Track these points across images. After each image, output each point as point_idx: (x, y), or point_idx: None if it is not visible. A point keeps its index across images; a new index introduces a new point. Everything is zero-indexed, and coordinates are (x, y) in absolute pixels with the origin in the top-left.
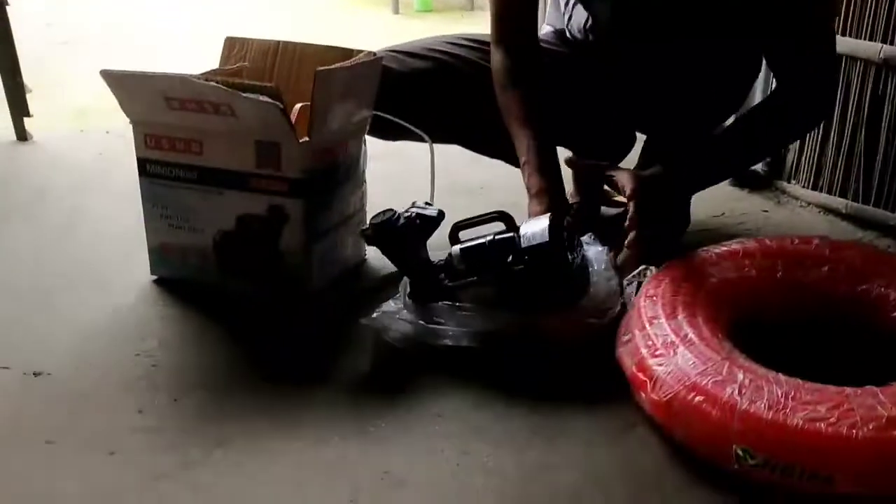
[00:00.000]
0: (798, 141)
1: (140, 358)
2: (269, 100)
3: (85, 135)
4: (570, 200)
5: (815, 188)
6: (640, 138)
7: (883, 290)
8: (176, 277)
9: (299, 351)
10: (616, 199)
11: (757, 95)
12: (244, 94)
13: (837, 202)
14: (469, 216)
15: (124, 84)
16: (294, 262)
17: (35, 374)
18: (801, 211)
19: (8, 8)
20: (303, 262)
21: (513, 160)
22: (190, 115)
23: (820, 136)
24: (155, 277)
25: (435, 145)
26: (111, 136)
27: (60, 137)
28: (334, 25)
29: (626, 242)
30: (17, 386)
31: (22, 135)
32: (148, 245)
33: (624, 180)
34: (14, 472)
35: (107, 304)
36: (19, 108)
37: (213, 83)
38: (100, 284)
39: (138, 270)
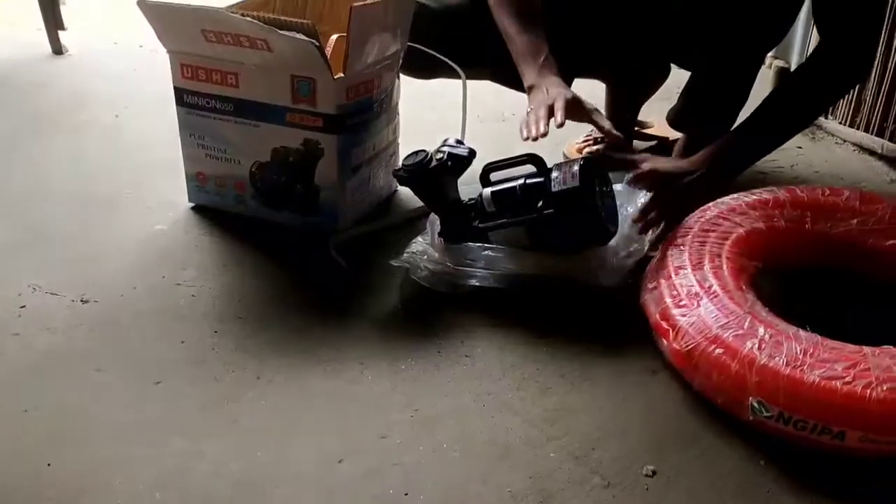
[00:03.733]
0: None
1: (181, 287)
2: (306, 38)
3: (119, 48)
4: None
5: (852, 125)
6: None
7: None
8: (213, 205)
9: (332, 286)
10: (647, 131)
11: (798, 34)
12: (281, 32)
13: (874, 141)
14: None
15: (161, 15)
16: (328, 194)
17: (83, 301)
18: (836, 148)
19: None
20: (337, 195)
21: None
22: (226, 48)
23: None
24: (192, 205)
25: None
26: (145, 51)
27: (95, 50)
28: None
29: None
30: (66, 313)
31: (57, 48)
32: (185, 173)
33: (649, 168)
34: (66, 400)
35: (147, 228)
36: (54, 22)
37: (249, 19)
38: (140, 206)
39: (176, 194)
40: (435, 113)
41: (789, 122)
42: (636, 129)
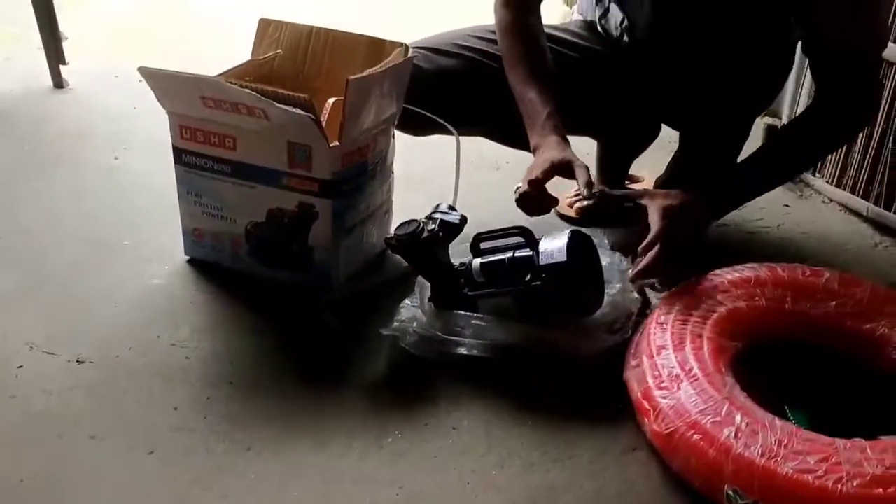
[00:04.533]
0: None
1: (175, 348)
2: (303, 112)
3: (119, 82)
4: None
5: (838, 185)
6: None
7: (887, 330)
8: (209, 259)
9: (323, 348)
10: (637, 186)
11: (788, 91)
12: (279, 105)
13: (859, 203)
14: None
15: (161, 81)
16: (322, 255)
17: (79, 362)
18: (823, 207)
19: None
20: (330, 254)
21: None
22: (225, 114)
23: None
24: (188, 258)
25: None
26: (145, 86)
27: (96, 84)
28: None
29: (641, 258)
30: (63, 374)
31: (59, 82)
32: (182, 227)
33: (652, 209)
34: (62, 470)
35: (144, 281)
36: (56, 57)
37: (247, 90)
38: (137, 257)
39: (173, 247)
40: (429, 160)
41: (795, 162)
42: (627, 182)
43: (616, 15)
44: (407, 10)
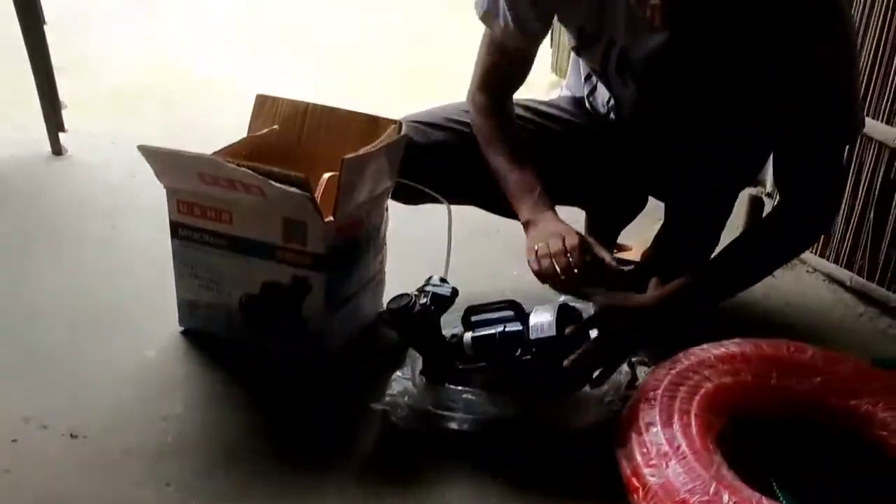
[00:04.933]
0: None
1: (168, 423)
2: (298, 191)
3: (117, 149)
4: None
5: (822, 255)
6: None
7: (871, 407)
8: (203, 331)
9: (314, 423)
10: (625, 255)
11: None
12: (274, 183)
13: (843, 274)
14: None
15: (160, 159)
16: (315, 325)
17: (73, 437)
18: (807, 277)
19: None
20: (324, 326)
21: None
22: (222, 190)
23: None
24: (182, 329)
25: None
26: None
27: (94, 152)
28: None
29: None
30: (57, 449)
31: (57, 149)
32: (177, 299)
33: (596, 302)
34: None
35: (139, 353)
36: (55, 124)
37: (244, 169)
38: (132, 329)
39: (167, 318)
40: (421, 228)
41: (745, 276)
42: (615, 252)
43: (603, 93)
44: (399, 87)
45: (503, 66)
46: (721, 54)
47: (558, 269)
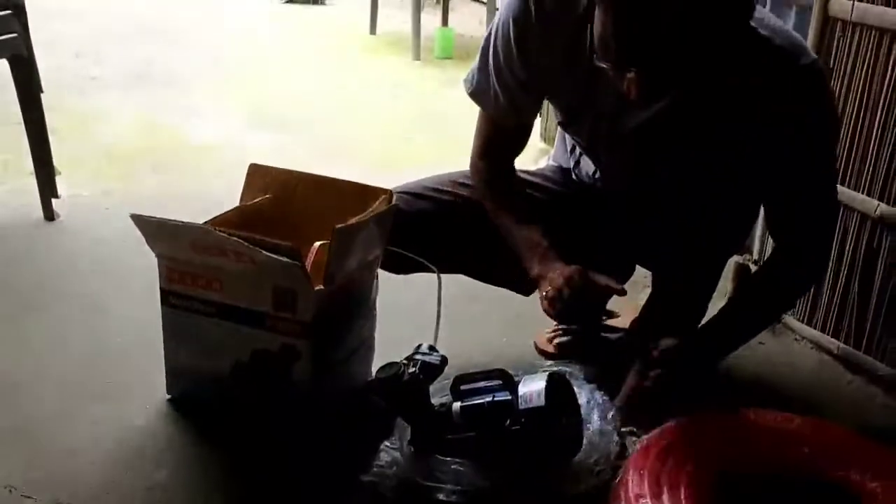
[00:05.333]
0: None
1: (153, 493)
2: (289, 260)
3: (109, 214)
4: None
5: (809, 323)
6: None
7: (859, 478)
8: (191, 398)
9: (302, 496)
10: (613, 322)
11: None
12: (265, 253)
13: (830, 342)
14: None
15: (151, 228)
16: (304, 394)
17: None
18: (795, 345)
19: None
20: (312, 394)
21: (513, 287)
22: (213, 258)
23: None
24: (170, 396)
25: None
26: None
27: (86, 218)
28: (357, 71)
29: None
30: None
31: (49, 215)
32: (165, 366)
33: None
34: None
35: (124, 423)
36: (48, 190)
37: (235, 238)
38: (119, 397)
39: (155, 386)
40: (411, 294)
41: (755, 323)
42: (604, 318)
43: (588, 165)
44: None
45: (501, 136)
46: (703, 129)
47: (565, 295)
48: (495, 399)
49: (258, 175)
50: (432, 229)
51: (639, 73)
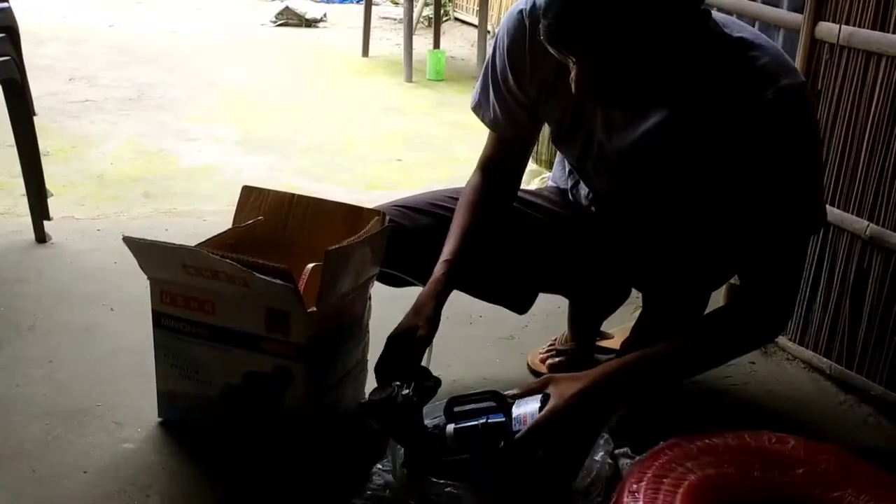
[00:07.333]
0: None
1: None
2: (282, 282)
3: (101, 236)
4: (564, 346)
5: (801, 343)
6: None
7: (854, 499)
8: (182, 421)
9: None
10: (607, 343)
11: None
12: (258, 275)
13: (822, 362)
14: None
15: (144, 250)
16: (297, 416)
17: None
18: (787, 365)
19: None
20: (305, 416)
21: (507, 304)
22: (205, 280)
23: (807, 295)
24: (161, 419)
25: None
26: None
27: (78, 239)
28: (349, 92)
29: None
30: None
31: (41, 237)
32: (157, 389)
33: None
34: None
35: (114, 447)
36: (40, 213)
37: (228, 261)
38: (110, 421)
39: (146, 409)
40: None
41: (689, 366)
42: (598, 339)
43: (584, 187)
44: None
45: (500, 151)
46: (688, 152)
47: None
48: (489, 421)
49: (251, 197)
50: (428, 244)
51: (579, 63)
